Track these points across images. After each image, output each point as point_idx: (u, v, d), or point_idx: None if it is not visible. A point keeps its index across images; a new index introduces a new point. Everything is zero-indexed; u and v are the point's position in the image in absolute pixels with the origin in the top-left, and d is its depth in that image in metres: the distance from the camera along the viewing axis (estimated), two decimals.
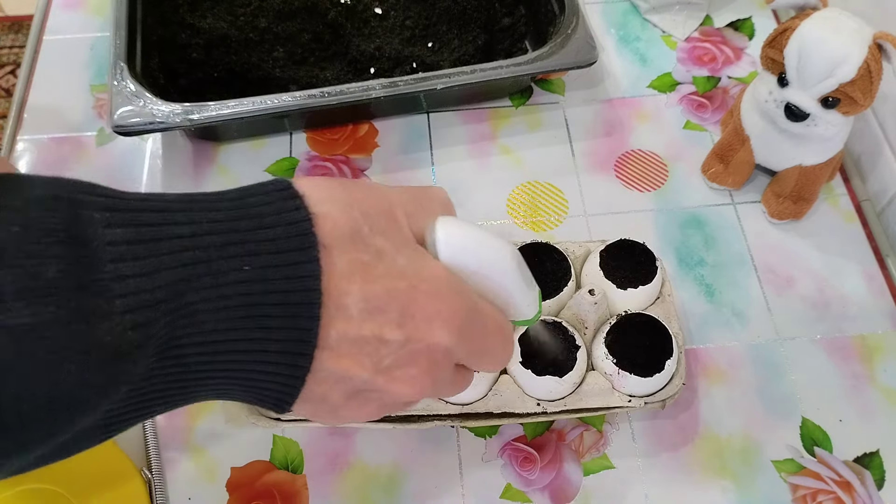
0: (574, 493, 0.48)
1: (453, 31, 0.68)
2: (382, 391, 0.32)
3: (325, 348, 0.29)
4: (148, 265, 0.25)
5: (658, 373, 0.46)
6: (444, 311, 0.31)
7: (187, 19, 0.66)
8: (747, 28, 0.71)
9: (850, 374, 0.53)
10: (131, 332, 0.25)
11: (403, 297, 0.30)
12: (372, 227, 0.30)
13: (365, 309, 0.29)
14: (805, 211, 0.59)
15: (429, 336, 0.31)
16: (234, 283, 0.27)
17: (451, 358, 0.32)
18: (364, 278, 0.29)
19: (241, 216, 0.28)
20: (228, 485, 0.49)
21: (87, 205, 0.25)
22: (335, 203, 0.30)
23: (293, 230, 0.28)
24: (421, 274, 0.31)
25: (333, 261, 0.28)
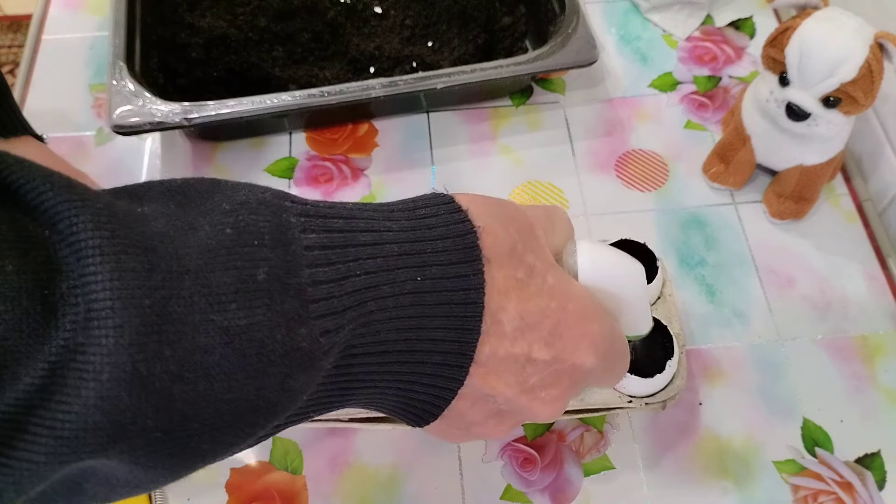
0: (574, 493, 0.48)
1: (453, 31, 0.68)
2: (523, 410, 0.31)
3: (477, 364, 0.29)
4: (338, 271, 0.25)
5: (659, 373, 0.46)
6: (591, 332, 0.31)
7: (186, 18, 0.66)
8: (748, 27, 0.71)
9: (852, 374, 0.53)
10: (322, 339, 0.25)
11: (554, 316, 0.30)
12: (524, 244, 0.30)
13: (518, 327, 0.29)
14: (806, 211, 0.59)
15: (574, 357, 0.30)
16: (408, 293, 0.27)
17: (588, 378, 0.32)
18: (519, 296, 0.29)
19: (414, 226, 0.28)
20: (228, 485, 0.49)
21: (286, 210, 0.25)
22: (495, 218, 0.30)
23: (460, 243, 0.28)
24: (568, 294, 0.30)
25: (494, 275, 0.28)
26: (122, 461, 0.22)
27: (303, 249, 0.25)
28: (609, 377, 0.35)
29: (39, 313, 0.20)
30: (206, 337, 0.22)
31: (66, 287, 0.20)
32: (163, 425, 0.22)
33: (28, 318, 0.20)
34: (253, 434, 0.25)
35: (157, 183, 0.25)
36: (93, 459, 0.21)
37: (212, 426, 0.23)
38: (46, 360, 0.20)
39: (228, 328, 0.22)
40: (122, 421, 0.21)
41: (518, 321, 0.29)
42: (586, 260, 0.32)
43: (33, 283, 0.20)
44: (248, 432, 0.25)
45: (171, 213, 0.24)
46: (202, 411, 0.23)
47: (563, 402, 0.32)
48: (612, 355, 0.33)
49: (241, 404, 0.23)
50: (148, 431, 0.22)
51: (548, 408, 0.31)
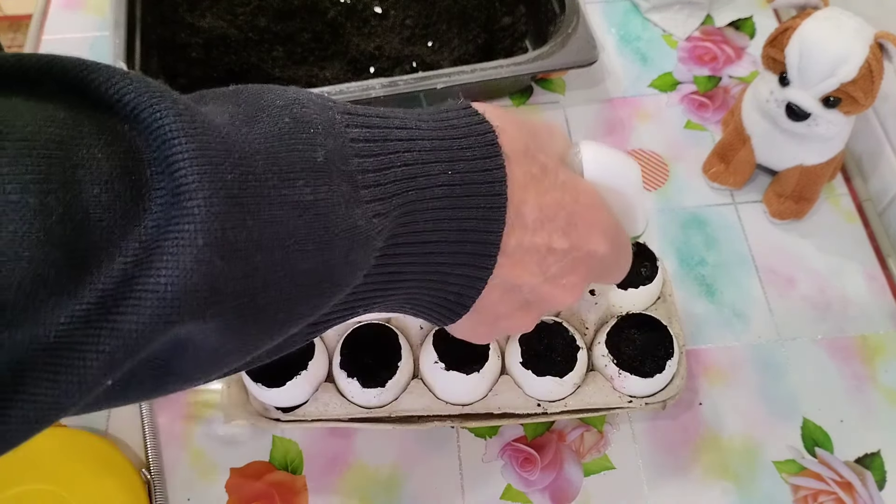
0: (574, 493, 0.48)
1: (453, 31, 0.68)
2: (546, 298, 0.34)
3: (504, 254, 0.31)
4: (381, 162, 0.28)
5: (659, 373, 0.46)
6: (602, 222, 0.33)
7: (186, 19, 0.66)
8: (748, 27, 0.71)
9: (852, 374, 0.53)
10: (375, 220, 0.27)
11: (569, 207, 0.32)
12: (535, 145, 0.32)
13: (538, 218, 0.31)
14: (806, 211, 0.59)
15: (588, 244, 0.33)
16: (442, 185, 0.29)
17: (601, 266, 0.34)
18: (537, 189, 0.31)
19: (441, 126, 0.30)
20: (228, 485, 0.49)
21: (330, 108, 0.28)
22: (508, 121, 0.32)
23: (482, 140, 0.30)
24: (579, 188, 0.33)
25: (513, 170, 0.30)
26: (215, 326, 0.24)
27: (349, 141, 0.27)
28: (617, 268, 0.37)
29: (129, 195, 0.22)
30: (280, 209, 0.24)
31: (150, 173, 0.22)
32: (249, 290, 0.24)
33: (120, 200, 0.21)
34: (322, 306, 0.27)
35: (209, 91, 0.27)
36: (192, 323, 0.23)
37: (287, 295, 0.25)
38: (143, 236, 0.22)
39: (299, 202, 0.25)
40: (216, 285, 0.23)
41: (538, 213, 0.31)
42: (590, 158, 0.35)
43: (121, 169, 0.22)
44: (316, 304, 0.27)
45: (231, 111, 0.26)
46: (280, 279, 0.25)
47: (580, 288, 0.34)
48: (619, 244, 0.35)
49: (312, 275, 0.26)
50: (237, 295, 0.24)
51: (567, 294, 0.34)
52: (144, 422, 0.50)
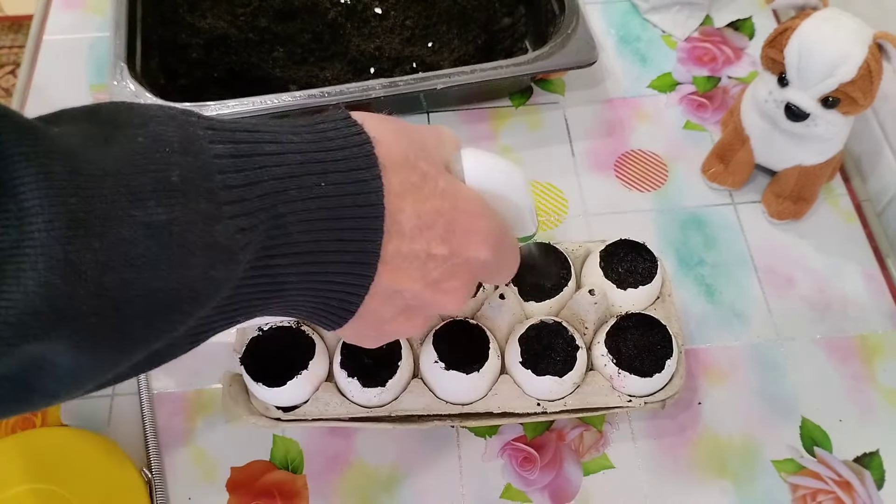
0: (574, 493, 0.48)
1: (453, 31, 0.68)
2: (429, 304, 0.35)
3: (383, 262, 0.32)
4: (247, 177, 0.28)
5: (658, 373, 0.46)
6: (482, 228, 0.34)
7: (187, 19, 0.66)
8: (747, 28, 0.71)
9: (850, 374, 0.53)
10: (238, 235, 0.27)
11: (447, 214, 0.33)
12: (416, 153, 0.33)
13: (416, 226, 0.32)
14: (805, 211, 0.59)
15: (469, 250, 0.34)
16: (315, 197, 0.30)
17: (484, 271, 0.36)
18: (415, 197, 0.32)
19: (316, 139, 0.31)
20: (228, 485, 0.49)
21: (193, 124, 0.28)
22: (386, 130, 0.33)
23: (358, 151, 0.31)
24: (459, 195, 0.34)
25: (390, 180, 0.31)
26: (65, 345, 0.25)
27: (212, 158, 0.27)
28: (502, 271, 0.38)
29: None
30: (129, 231, 0.25)
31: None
32: (97, 310, 0.24)
33: None
34: (182, 322, 0.28)
35: (68, 109, 0.28)
36: (39, 343, 0.24)
37: (142, 312, 0.26)
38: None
39: (150, 223, 0.25)
40: (60, 306, 0.23)
41: (416, 220, 0.32)
42: (471, 165, 0.36)
43: None
44: (177, 319, 0.27)
45: (86, 131, 0.26)
46: (133, 299, 0.25)
47: (463, 293, 0.35)
48: (502, 249, 0.36)
49: (168, 293, 0.26)
50: (84, 316, 0.24)
51: (451, 298, 0.35)
52: (145, 421, 0.50)
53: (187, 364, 0.53)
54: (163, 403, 0.51)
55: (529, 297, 0.49)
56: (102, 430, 0.50)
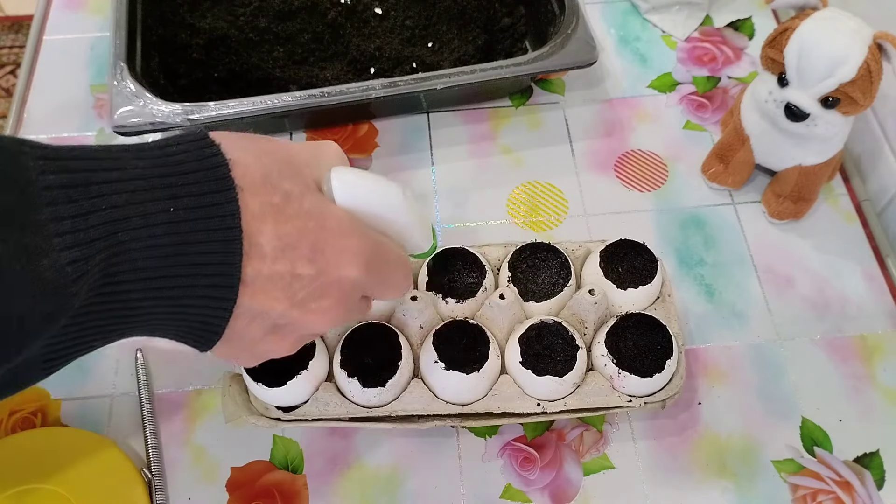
0: (574, 493, 0.49)
1: (453, 31, 0.68)
2: (298, 323, 0.34)
3: (244, 283, 0.31)
4: (82, 207, 0.28)
5: (658, 373, 0.46)
6: (351, 246, 0.34)
7: (187, 19, 0.66)
8: (747, 28, 0.71)
9: (850, 374, 0.53)
10: (69, 268, 0.27)
11: (312, 234, 0.33)
12: (280, 173, 0.33)
13: (278, 247, 0.32)
14: (805, 211, 0.59)
15: (338, 270, 0.34)
16: (162, 223, 0.29)
17: (358, 289, 0.36)
18: (276, 219, 0.32)
19: (165, 163, 0.30)
20: (228, 485, 0.49)
21: (24, 154, 0.28)
22: (246, 151, 0.32)
23: (212, 174, 0.31)
24: (325, 214, 0.34)
25: (247, 202, 0.31)
26: None
27: (42, 190, 0.27)
28: (386, 288, 0.39)
29: None
30: None
31: None
32: None
33: None
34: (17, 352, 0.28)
35: None
36: None
37: None
38: None
39: None
40: None
41: (277, 241, 0.32)
42: (338, 185, 0.35)
43: None
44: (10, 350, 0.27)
45: None
46: None
47: (336, 312, 0.35)
48: (378, 266, 0.36)
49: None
50: None
51: (321, 318, 0.35)
52: (145, 421, 0.50)
53: (187, 364, 0.53)
54: (163, 403, 0.51)
55: (529, 298, 0.49)
56: (102, 430, 0.50)
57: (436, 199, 0.61)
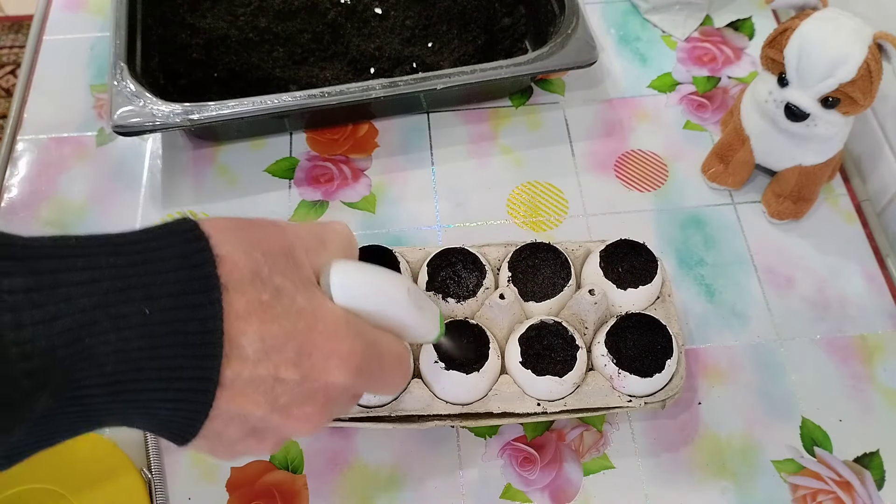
0: (574, 493, 0.48)
1: (453, 31, 0.68)
2: (279, 428, 0.32)
3: (222, 386, 0.30)
4: (46, 313, 0.26)
5: (658, 373, 0.46)
6: (341, 351, 0.32)
7: (187, 19, 0.66)
8: (747, 28, 0.71)
9: (850, 374, 0.53)
10: (26, 381, 0.25)
11: (300, 336, 0.31)
12: (272, 266, 0.31)
13: (261, 349, 0.30)
14: (805, 211, 0.59)
15: (325, 375, 0.31)
16: (135, 326, 0.27)
17: (346, 394, 0.33)
18: (261, 318, 0.30)
19: (144, 260, 0.29)
20: (228, 485, 0.49)
21: None
22: (237, 244, 0.30)
23: (196, 273, 0.29)
24: (318, 314, 0.31)
25: (232, 301, 0.29)
26: None
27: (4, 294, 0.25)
28: (382, 389, 0.36)
29: None
30: None
31: None
32: None
33: None
34: None
35: None
36: None
37: None
38: None
39: None
40: None
41: (260, 343, 0.30)
42: (337, 281, 0.33)
43: None
44: None
45: None
46: None
47: (320, 417, 0.33)
48: (371, 370, 0.33)
49: None
50: None
51: (304, 424, 0.32)
52: None
53: None
54: None
55: (529, 298, 0.49)
56: (102, 430, 0.50)
57: (436, 199, 0.61)
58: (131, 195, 0.61)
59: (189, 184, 0.61)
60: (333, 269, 0.33)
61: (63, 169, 0.62)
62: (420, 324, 0.36)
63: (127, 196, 0.61)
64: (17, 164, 0.62)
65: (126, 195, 0.61)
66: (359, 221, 0.60)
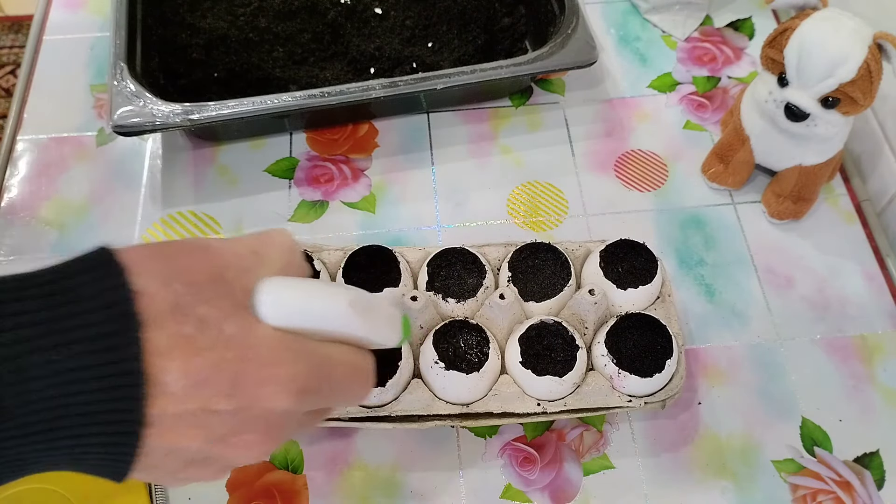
0: (574, 493, 0.49)
1: (453, 31, 0.68)
2: (220, 457, 0.31)
3: (148, 426, 0.28)
4: None
5: (658, 373, 0.46)
6: (279, 376, 0.30)
7: (187, 19, 0.66)
8: (747, 28, 0.71)
9: (850, 374, 0.53)
10: None
11: (230, 366, 0.29)
12: (196, 296, 0.29)
13: (187, 385, 0.28)
14: (805, 211, 0.59)
15: (262, 402, 0.30)
16: (45, 375, 0.26)
17: (292, 416, 0.32)
18: (185, 352, 0.28)
19: (55, 303, 0.27)
20: (228, 485, 0.49)
21: None
22: (155, 276, 0.29)
23: (112, 313, 0.28)
24: (249, 341, 0.30)
25: (150, 338, 0.28)
26: None
27: None
28: (338, 402, 0.35)
29: None
30: None
31: None
32: None
33: None
34: None
35: None
36: None
37: None
38: None
39: None
40: None
41: (185, 379, 0.28)
42: (266, 301, 0.31)
43: None
44: None
45: None
46: None
47: (266, 444, 0.32)
48: (317, 389, 0.32)
49: None
50: None
51: (247, 452, 0.31)
52: None
53: None
54: None
55: (529, 298, 0.49)
56: None
57: (436, 199, 0.61)
58: (131, 195, 0.61)
59: (189, 184, 0.61)
60: (262, 290, 0.31)
61: (63, 169, 0.62)
62: (371, 332, 0.34)
63: (127, 196, 0.61)
64: (17, 164, 0.62)
65: (126, 195, 0.61)
66: (359, 221, 0.60)
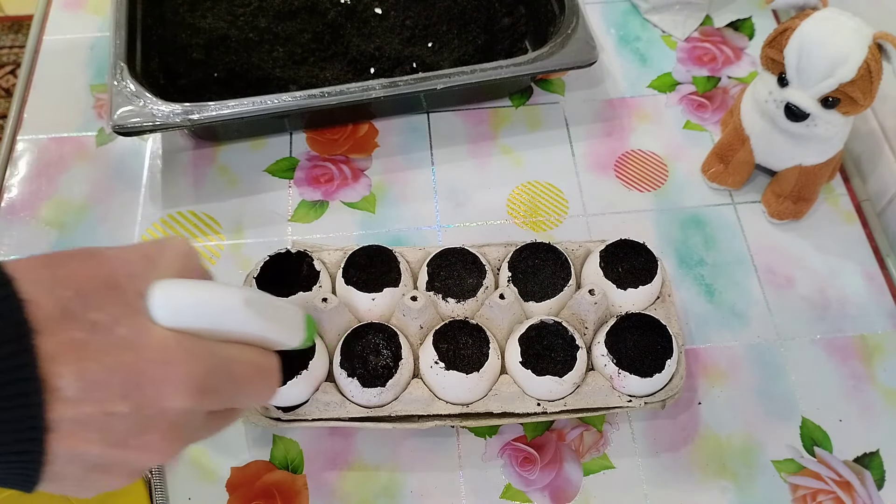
0: (574, 493, 0.49)
1: (453, 31, 0.68)
2: (123, 461, 0.31)
3: (49, 431, 0.29)
4: None
5: (658, 373, 0.46)
6: (175, 374, 0.31)
7: (187, 19, 0.66)
8: (747, 28, 0.71)
9: (850, 374, 0.53)
10: None
11: (125, 368, 0.30)
12: (86, 302, 0.30)
13: (82, 388, 0.29)
14: (805, 211, 0.59)
15: (160, 401, 0.30)
16: None
17: (194, 415, 0.32)
18: (78, 357, 0.29)
19: None
20: (228, 485, 0.49)
21: None
22: (44, 284, 0.29)
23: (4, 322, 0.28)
24: (143, 342, 0.30)
25: (41, 345, 0.28)
26: None
27: None
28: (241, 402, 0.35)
29: None
30: None
31: None
32: None
33: None
34: None
35: None
36: None
37: None
38: None
39: None
40: None
41: (79, 383, 0.29)
42: (158, 303, 0.31)
43: None
44: None
45: None
46: None
47: (170, 444, 0.32)
48: (217, 388, 0.32)
49: None
50: None
51: (150, 454, 0.31)
52: None
53: None
54: None
55: (529, 298, 0.49)
56: None
57: (436, 199, 0.61)
58: (131, 195, 0.61)
59: (189, 184, 0.61)
60: (154, 291, 0.32)
61: (63, 169, 0.62)
62: (271, 332, 0.34)
63: (127, 196, 0.61)
64: (17, 164, 0.62)
65: (126, 195, 0.61)
66: (359, 221, 0.60)
